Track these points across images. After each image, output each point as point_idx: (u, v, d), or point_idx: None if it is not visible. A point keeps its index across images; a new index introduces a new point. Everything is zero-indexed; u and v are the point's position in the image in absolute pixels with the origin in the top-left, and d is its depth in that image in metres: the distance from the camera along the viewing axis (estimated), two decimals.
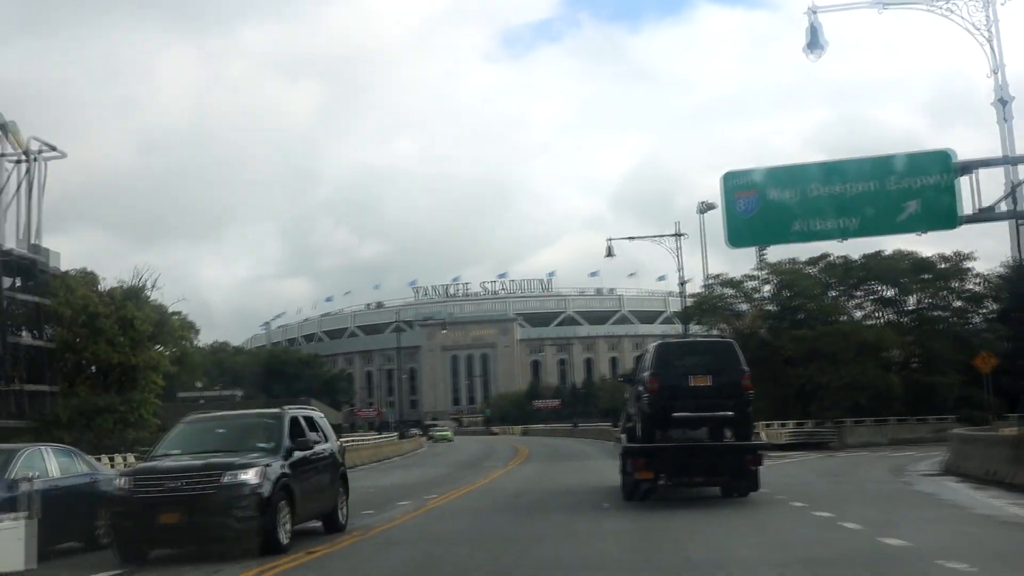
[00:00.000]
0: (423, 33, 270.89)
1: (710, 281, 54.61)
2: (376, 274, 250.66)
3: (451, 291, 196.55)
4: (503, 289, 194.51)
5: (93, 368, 48.29)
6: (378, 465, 48.63)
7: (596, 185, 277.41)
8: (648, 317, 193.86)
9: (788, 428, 45.80)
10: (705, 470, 20.12)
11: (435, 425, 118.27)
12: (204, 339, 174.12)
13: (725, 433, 19.54)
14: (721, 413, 19.20)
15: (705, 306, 55.19)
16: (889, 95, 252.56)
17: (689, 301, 52.18)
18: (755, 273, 55.20)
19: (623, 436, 22.04)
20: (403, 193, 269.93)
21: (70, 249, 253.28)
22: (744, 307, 56.20)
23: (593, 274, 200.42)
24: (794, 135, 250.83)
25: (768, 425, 45.62)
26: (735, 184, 28.24)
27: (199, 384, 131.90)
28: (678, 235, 46.30)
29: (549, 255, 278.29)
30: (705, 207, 66.35)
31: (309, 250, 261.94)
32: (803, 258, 55.66)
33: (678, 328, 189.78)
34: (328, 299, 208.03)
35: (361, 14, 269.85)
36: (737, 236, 28.13)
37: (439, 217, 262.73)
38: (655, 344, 21.42)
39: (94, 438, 44.23)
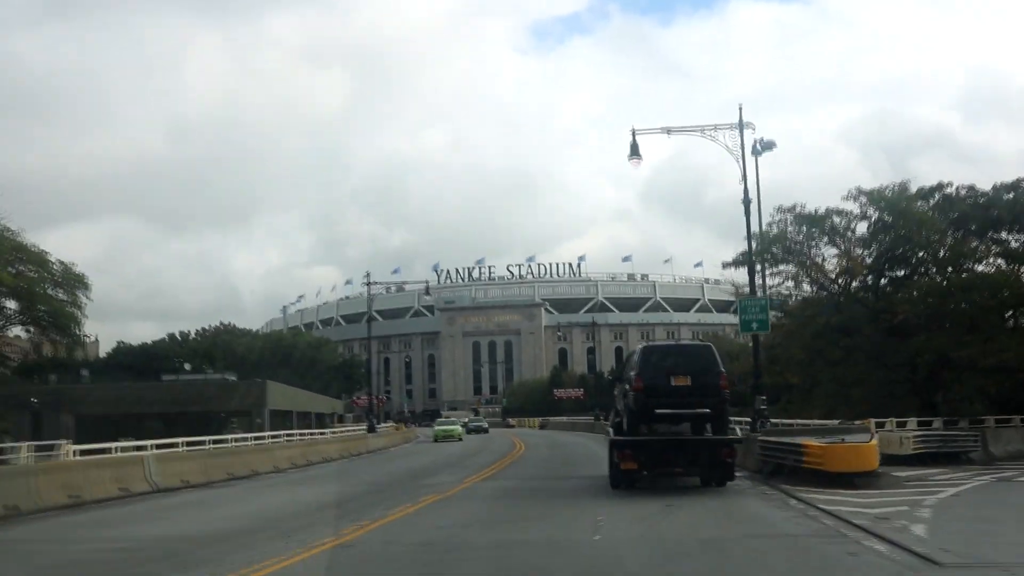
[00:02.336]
0: (454, 24, 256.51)
1: (780, 216, 36.72)
2: (403, 263, 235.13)
3: (475, 275, 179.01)
4: (530, 274, 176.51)
5: None
6: (277, 478, 30.89)
7: (626, 178, 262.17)
8: (682, 305, 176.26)
9: (912, 431, 27.96)
10: (684, 461, 20.59)
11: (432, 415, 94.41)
12: (211, 322, 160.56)
13: (703, 428, 20.13)
14: (699, 410, 19.80)
15: (774, 248, 37.13)
16: (922, 91, 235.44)
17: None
18: (844, 207, 37.02)
19: (611, 430, 22.73)
20: (432, 183, 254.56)
21: (100, 235, 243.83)
22: (831, 253, 37.83)
23: (626, 259, 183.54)
24: (827, 130, 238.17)
25: (881, 426, 27.76)
26: None
27: (188, 366, 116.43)
28: (742, 126, 28.07)
29: (577, 246, 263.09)
30: (761, 147, 50.86)
31: (338, 239, 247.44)
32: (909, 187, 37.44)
33: (714, 316, 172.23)
34: (347, 282, 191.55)
35: (391, 4, 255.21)
36: None
37: (468, 207, 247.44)
38: (640, 346, 22.46)
39: None
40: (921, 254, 36.65)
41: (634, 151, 28.15)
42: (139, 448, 28.20)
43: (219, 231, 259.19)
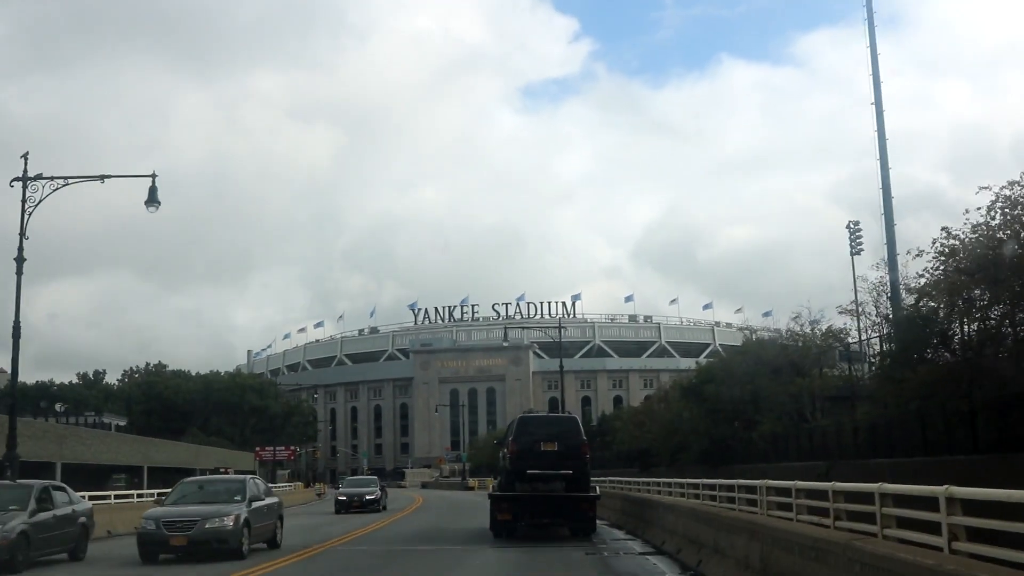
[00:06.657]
0: (443, 82, 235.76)
1: None
2: (392, 317, 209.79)
3: (457, 315, 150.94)
4: (518, 313, 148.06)
5: None
6: None
7: (617, 236, 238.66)
8: (691, 350, 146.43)
9: None
10: (551, 514, 23.58)
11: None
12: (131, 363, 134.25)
13: (574, 486, 22.98)
14: (563, 471, 22.85)
15: None
16: (913, 151, 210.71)
17: None
18: None
19: (493, 486, 28.08)
20: (423, 240, 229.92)
21: (94, 288, 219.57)
22: None
23: (628, 299, 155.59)
24: (817, 190, 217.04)
25: None
26: None
27: (59, 407, 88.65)
28: None
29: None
30: None
31: (329, 294, 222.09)
32: None
33: None
34: (317, 324, 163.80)
35: (378, 62, 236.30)
36: None
37: (458, 264, 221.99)
38: (518, 416, 25.64)
39: None
40: None
41: None
42: None
43: (214, 287, 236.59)
